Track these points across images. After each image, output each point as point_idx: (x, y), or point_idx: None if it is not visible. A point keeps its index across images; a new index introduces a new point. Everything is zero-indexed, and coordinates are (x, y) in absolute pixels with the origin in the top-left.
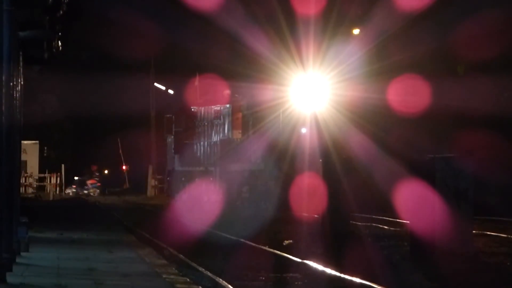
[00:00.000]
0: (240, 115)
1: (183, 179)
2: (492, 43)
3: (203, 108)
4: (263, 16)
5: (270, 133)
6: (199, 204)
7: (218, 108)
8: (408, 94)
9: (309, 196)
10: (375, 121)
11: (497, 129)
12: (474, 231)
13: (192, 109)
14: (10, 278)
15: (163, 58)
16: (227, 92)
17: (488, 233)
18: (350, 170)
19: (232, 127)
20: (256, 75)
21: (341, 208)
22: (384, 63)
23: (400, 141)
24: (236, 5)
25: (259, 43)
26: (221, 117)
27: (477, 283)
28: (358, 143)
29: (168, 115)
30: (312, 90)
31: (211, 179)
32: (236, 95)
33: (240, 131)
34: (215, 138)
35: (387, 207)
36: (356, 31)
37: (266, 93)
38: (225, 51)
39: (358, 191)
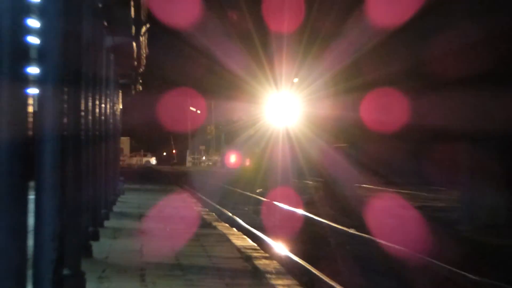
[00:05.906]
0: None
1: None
2: (468, 57)
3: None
4: (238, 35)
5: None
6: None
7: None
8: (382, 111)
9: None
10: (346, 137)
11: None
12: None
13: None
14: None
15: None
16: None
17: None
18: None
19: None
20: (232, 93)
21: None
22: (357, 80)
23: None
24: (211, 23)
25: (234, 62)
26: None
27: None
28: (328, 157)
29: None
30: (285, 107)
31: None
32: None
33: None
34: None
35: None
36: (295, 80)
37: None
38: (202, 68)
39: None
